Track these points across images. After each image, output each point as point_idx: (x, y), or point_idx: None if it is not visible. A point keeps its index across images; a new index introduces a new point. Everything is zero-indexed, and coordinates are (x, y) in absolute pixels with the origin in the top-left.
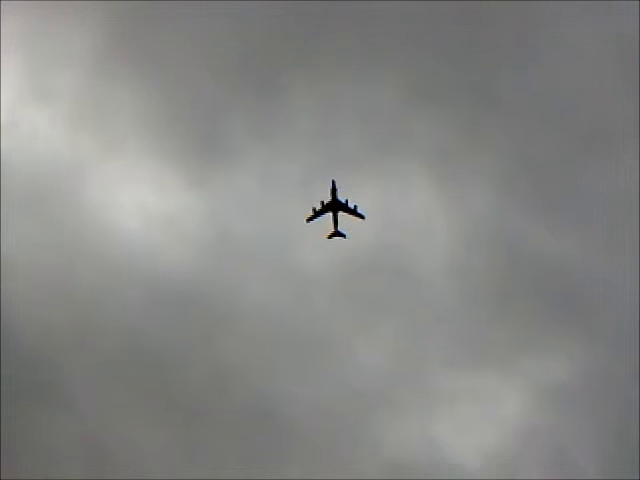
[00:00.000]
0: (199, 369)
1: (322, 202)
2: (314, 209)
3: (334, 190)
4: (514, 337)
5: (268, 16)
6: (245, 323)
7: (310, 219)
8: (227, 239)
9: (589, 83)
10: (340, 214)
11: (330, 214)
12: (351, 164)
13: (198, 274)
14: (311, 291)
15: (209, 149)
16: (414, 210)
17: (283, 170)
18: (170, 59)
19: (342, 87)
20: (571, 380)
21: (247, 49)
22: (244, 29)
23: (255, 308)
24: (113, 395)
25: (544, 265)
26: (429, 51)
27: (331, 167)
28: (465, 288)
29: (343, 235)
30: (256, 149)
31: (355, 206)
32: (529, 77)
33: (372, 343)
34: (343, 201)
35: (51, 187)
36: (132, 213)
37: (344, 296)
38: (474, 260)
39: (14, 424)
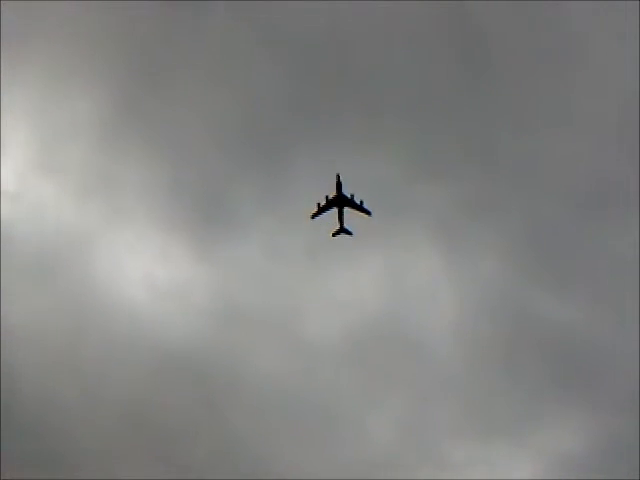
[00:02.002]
0: (204, 439)
1: (327, 197)
2: (318, 205)
3: (339, 185)
4: (522, 406)
5: (272, 90)
6: (251, 394)
7: (315, 215)
8: (233, 310)
9: (590, 148)
10: (346, 210)
11: (335, 210)
12: (356, 234)
13: (204, 345)
14: (317, 361)
15: (215, 220)
16: (419, 279)
17: (288, 241)
18: (176, 132)
19: (345, 158)
20: (581, 449)
21: (251, 122)
22: (248, 103)
23: (261, 379)
24: (117, 465)
25: (550, 333)
26: (430, 120)
27: (336, 238)
28: (472, 357)
29: (349, 232)
30: (261, 220)
31: (361, 201)
32: (530, 144)
33: (379, 413)
34: (348, 196)
35: (57, 258)
36: (138, 284)
37: (350, 366)
38: (480, 329)
39: None
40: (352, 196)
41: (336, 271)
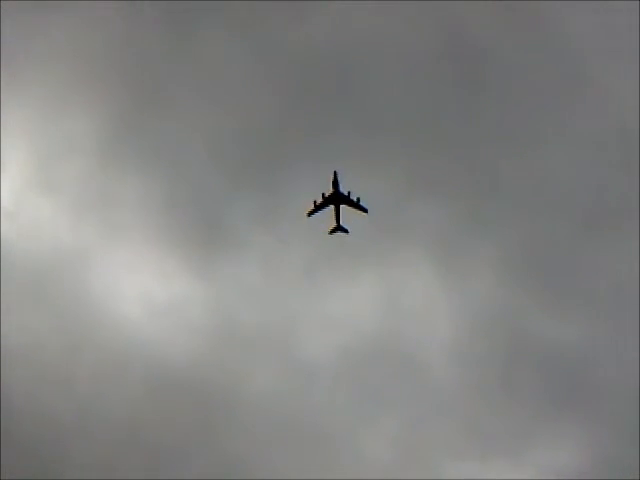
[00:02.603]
0: (200, 458)
1: (323, 194)
2: (315, 202)
3: (336, 182)
4: (520, 425)
5: (270, 108)
6: (247, 412)
7: (311, 213)
8: (230, 328)
9: (589, 166)
10: (342, 207)
11: (332, 207)
12: (353, 252)
13: (200, 363)
14: (314, 381)
15: (212, 238)
16: (416, 298)
17: (286, 260)
18: (173, 149)
19: (343, 174)
20: (579, 468)
21: (249, 140)
22: (246, 120)
23: (258, 397)
24: None
25: (548, 351)
26: (428, 138)
27: (333, 257)
28: (469, 376)
29: (346, 230)
30: (259, 238)
31: (358, 198)
32: (528, 162)
33: (376, 432)
34: (345, 193)
35: (54, 276)
36: (135, 302)
37: (347, 385)
38: (478, 347)
39: None
40: (349, 193)
41: (333, 289)
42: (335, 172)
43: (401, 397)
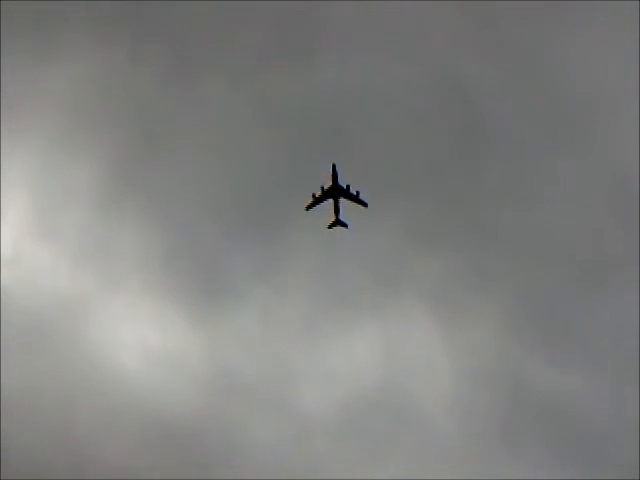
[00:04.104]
0: None
1: (322, 187)
2: (314, 195)
3: (335, 175)
4: (521, 477)
5: (269, 160)
6: (246, 464)
7: (309, 207)
8: (228, 379)
9: (589, 219)
10: (341, 201)
11: (331, 201)
12: (352, 303)
13: (198, 413)
14: (313, 431)
15: (211, 289)
16: (416, 350)
17: (284, 309)
18: (173, 200)
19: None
20: None
21: (248, 191)
22: (245, 172)
23: (256, 449)
24: None
25: (549, 404)
26: (429, 190)
27: (332, 306)
28: (470, 428)
29: (345, 225)
30: (257, 288)
31: (357, 192)
32: (528, 215)
33: None
34: (344, 186)
35: (52, 324)
36: (133, 351)
37: (346, 437)
38: (478, 400)
39: None
40: (348, 187)
41: (332, 341)
42: (334, 165)
43: (401, 449)
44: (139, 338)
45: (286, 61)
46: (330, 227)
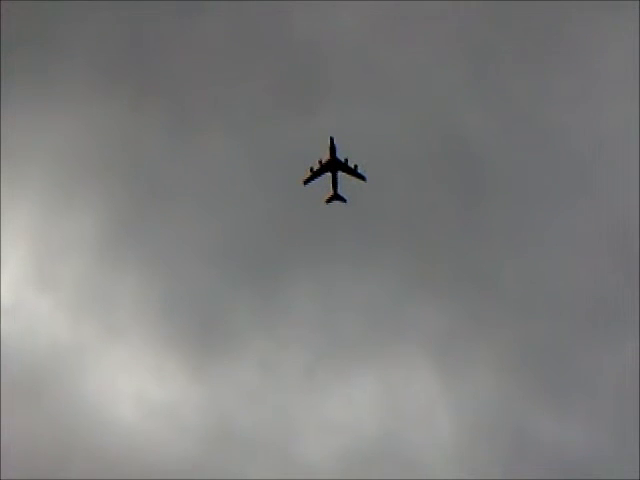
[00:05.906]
0: None
1: (320, 161)
2: (312, 169)
3: (333, 148)
4: None
5: (269, 209)
6: None
7: (307, 181)
8: (227, 430)
9: (589, 267)
10: (340, 175)
11: (329, 175)
12: (352, 352)
13: (196, 465)
14: None
15: (210, 340)
16: (416, 399)
17: (283, 360)
18: (172, 250)
19: (342, 275)
20: None
21: (248, 241)
22: (245, 222)
23: None
24: None
25: (549, 452)
26: (428, 238)
27: (331, 357)
28: (470, 477)
29: (343, 199)
30: (256, 339)
31: (355, 165)
32: (526, 263)
33: None
34: (342, 160)
35: (50, 374)
36: (131, 402)
37: None
38: (478, 449)
39: None
40: (346, 160)
41: (331, 391)
42: (332, 138)
43: None
44: (137, 389)
45: (285, 112)
46: (328, 201)
